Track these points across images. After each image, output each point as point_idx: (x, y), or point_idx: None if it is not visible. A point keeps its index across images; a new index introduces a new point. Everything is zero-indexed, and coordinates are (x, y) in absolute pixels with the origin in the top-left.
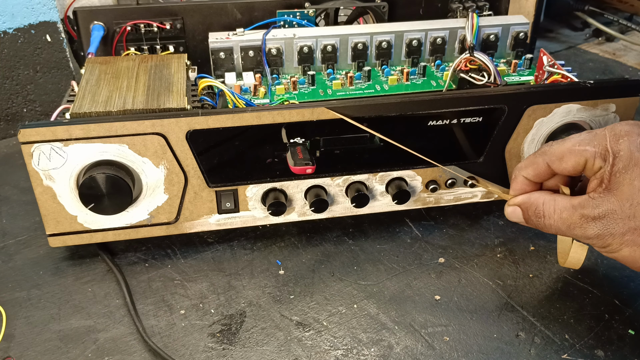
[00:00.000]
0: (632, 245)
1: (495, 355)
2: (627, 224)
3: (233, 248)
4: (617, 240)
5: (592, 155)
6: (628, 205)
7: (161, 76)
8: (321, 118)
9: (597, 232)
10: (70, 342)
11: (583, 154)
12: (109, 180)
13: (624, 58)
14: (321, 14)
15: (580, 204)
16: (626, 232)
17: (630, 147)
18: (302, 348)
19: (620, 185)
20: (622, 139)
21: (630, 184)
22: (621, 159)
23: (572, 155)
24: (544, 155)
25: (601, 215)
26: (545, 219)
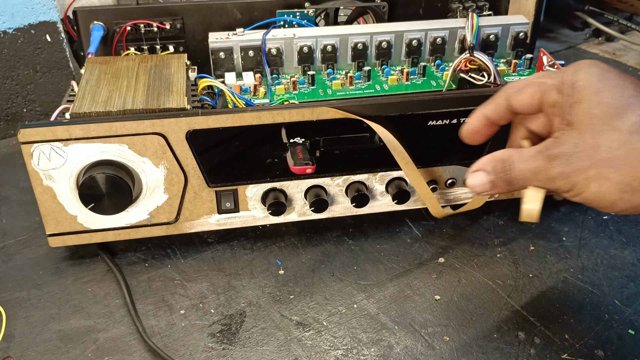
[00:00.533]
0: (598, 179)
1: (495, 355)
2: (591, 157)
3: (233, 248)
4: (582, 177)
5: (548, 88)
6: (590, 135)
7: (161, 76)
8: (321, 118)
9: (560, 170)
10: (70, 342)
11: (540, 86)
12: (108, 180)
13: (624, 58)
14: (321, 14)
15: (545, 146)
16: (590, 166)
17: (589, 77)
18: (302, 348)
19: (578, 116)
20: (581, 71)
21: (589, 113)
22: (577, 89)
23: (530, 87)
24: (504, 90)
25: (564, 152)
26: (512, 171)
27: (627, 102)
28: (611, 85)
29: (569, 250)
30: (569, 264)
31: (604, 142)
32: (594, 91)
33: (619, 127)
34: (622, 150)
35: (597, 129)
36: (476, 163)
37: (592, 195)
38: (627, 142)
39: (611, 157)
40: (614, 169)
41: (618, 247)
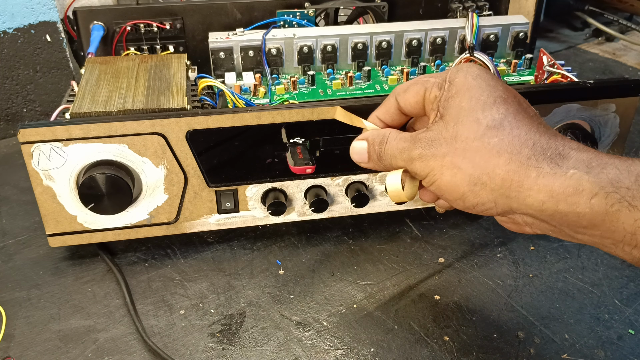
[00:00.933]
0: (452, 168)
1: (495, 354)
2: (450, 145)
3: (233, 248)
4: (438, 163)
5: (431, 85)
6: (452, 124)
7: (161, 76)
8: (321, 118)
9: (420, 151)
10: (70, 342)
11: (424, 83)
12: (108, 180)
13: (624, 58)
14: (321, 14)
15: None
16: (447, 153)
17: (466, 76)
18: (302, 348)
19: (449, 110)
20: (461, 70)
21: (459, 106)
22: (455, 84)
23: (415, 85)
24: (394, 90)
25: (427, 137)
26: (385, 145)
27: (493, 100)
28: (484, 84)
29: (569, 250)
30: (569, 264)
31: (463, 133)
32: (468, 87)
33: (480, 120)
34: (477, 142)
35: (460, 119)
36: (363, 134)
37: (445, 184)
38: (483, 135)
39: (466, 147)
40: (468, 160)
41: None
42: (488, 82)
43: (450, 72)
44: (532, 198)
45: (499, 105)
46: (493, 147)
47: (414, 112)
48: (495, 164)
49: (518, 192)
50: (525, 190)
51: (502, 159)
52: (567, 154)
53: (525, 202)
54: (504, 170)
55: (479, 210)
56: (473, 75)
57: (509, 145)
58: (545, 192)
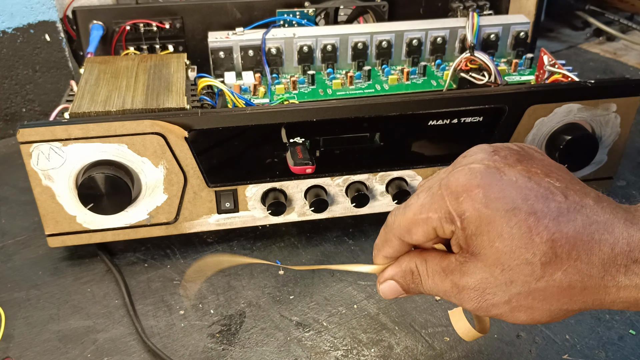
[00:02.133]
0: (524, 310)
1: (496, 355)
2: (508, 291)
3: (233, 248)
4: (504, 309)
5: (438, 222)
6: (499, 271)
7: (160, 76)
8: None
9: (476, 305)
10: (69, 342)
11: (428, 222)
12: (108, 180)
13: (625, 58)
14: (321, 13)
15: (449, 267)
16: (510, 299)
17: (474, 205)
18: (302, 348)
19: (481, 249)
20: (461, 197)
21: (492, 247)
22: (470, 221)
23: (418, 226)
24: (393, 231)
25: (473, 286)
26: (422, 283)
27: (526, 228)
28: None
29: None
30: None
31: (519, 278)
32: (487, 221)
33: (531, 261)
34: (540, 283)
35: (506, 264)
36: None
37: (523, 321)
38: (543, 275)
39: (530, 290)
40: (538, 300)
41: None
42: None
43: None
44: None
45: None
46: (561, 283)
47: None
48: (571, 296)
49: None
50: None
51: (575, 290)
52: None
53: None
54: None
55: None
56: (482, 203)
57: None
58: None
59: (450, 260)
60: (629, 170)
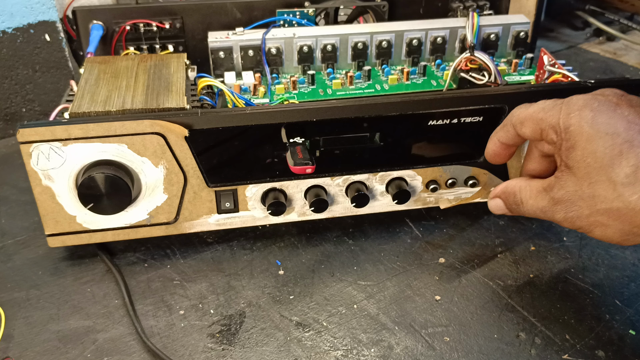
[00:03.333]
0: (599, 225)
1: (495, 355)
2: (590, 206)
3: (232, 248)
4: (585, 222)
5: (546, 126)
6: (587, 184)
7: (160, 76)
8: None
9: (563, 215)
10: (69, 342)
11: (539, 123)
12: (108, 180)
13: (625, 57)
14: (321, 13)
15: (550, 185)
16: (591, 214)
17: (580, 122)
18: (302, 348)
19: (575, 163)
20: (574, 113)
21: (584, 162)
22: (571, 134)
23: (531, 122)
24: (511, 118)
25: (564, 198)
26: (523, 205)
27: (618, 151)
28: (603, 132)
29: (570, 250)
30: (570, 264)
31: (601, 193)
32: (586, 138)
33: (614, 179)
34: (617, 202)
35: (593, 178)
36: (494, 190)
37: (598, 236)
38: (621, 194)
39: (608, 208)
40: (613, 219)
41: (619, 247)
42: (606, 126)
43: (562, 113)
44: None
45: (627, 155)
46: (635, 204)
47: (532, 140)
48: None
49: None
50: None
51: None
52: None
53: None
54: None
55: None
56: (589, 122)
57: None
58: None
59: (551, 179)
60: None
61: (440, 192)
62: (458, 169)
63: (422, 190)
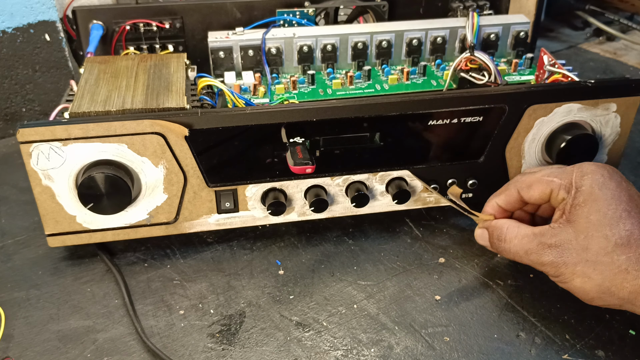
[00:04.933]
0: (582, 276)
1: (495, 355)
2: (580, 255)
3: (232, 248)
4: (569, 270)
5: (557, 187)
6: (582, 237)
7: (160, 75)
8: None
9: (551, 259)
10: (69, 342)
11: (550, 184)
12: (108, 180)
13: (625, 57)
14: (321, 13)
15: (541, 232)
16: (578, 263)
17: (592, 184)
18: (302, 348)
19: (578, 218)
20: (587, 175)
21: (587, 218)
22: (582, 193)
23: (540, 185)
24: (516, 183)
25: (557, 244)
26: (505, 242)
27: (619, 215)
28: (609, 196)
29: None
30: None
31: (593, 247)
32: (595, 199)
33: (609, 237)
34: (607, 258)
35: (590, 233)
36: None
37: (575, 287)
38: (612, 252)
39: (597, 261)
40: (598, 272)
41: None
42: (613, 192)
43: (575, 175)
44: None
45: (624, 221)
46: (622, 264)
47: (537, 204)
48: (624, 279)
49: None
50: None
51: (630, 275)
52: None
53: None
54: (631, 284)
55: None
56: (599, 185)
57: (636, 263)
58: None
59: (544, 227)
60: (629, 170)
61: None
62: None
63: (422, 190)
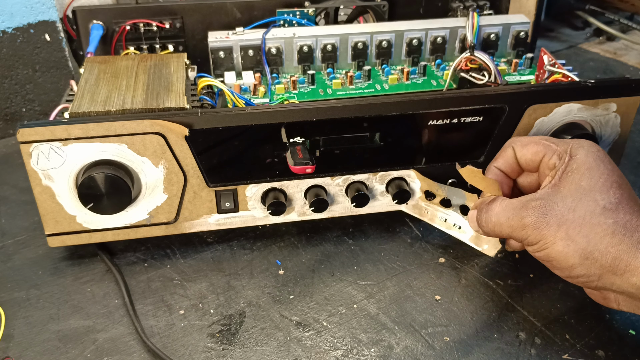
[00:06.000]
0: (566, 239)
1: (495, 355)
2: (565, 216)
3: (232, 248)
4: (551, 232)
5: (552, 151)
6: (570, 200)
7: (160, 75)
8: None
9: (534, 219)
10: (69, 342)
11: (545, 147)
12: (108, 179)
13: (625, 57)
14: (321, 13)
15: (527, 197)
16: (562, 224)
17: (588, 154)
18: (302, 348)
19: (568, 183)
20: (582, 147)
21: (578, 183)
22: (576, 160)
23: (535, 145)
24: (512, 141)
25: (542, 205)
26: (488, 212)
27: (610, 184)
28: (603, 167)
29: None
30: None
31: (581, 208)
32: (588, 167)
33: (598, 200)
34: (594, 219)
35: (579, 196)
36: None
37: (556, 253)
38: (600, 214)
39: (583, 222)
40: (583, 234)
41: None
42: (607, 165)
43: (572, 145)
44: (637, 278)
45: (615, 190)
46: (609, 227)
47: (527, 167)
48: (609, 243)
49: (624, 271)
50: (631, 269)
51: (615, 238)
52: None
53: (629, 280)
54: (616, 249)
55: (580, 282)
56: (594, 157)
57: (623, 228)
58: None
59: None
60: (629, 170)
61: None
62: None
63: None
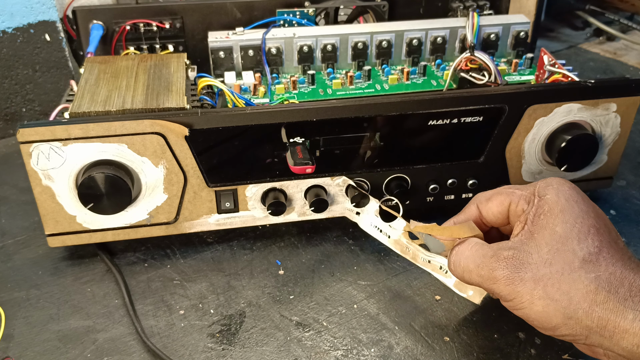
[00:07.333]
0: (544, 298)
1: (495, 355)
2: (541, 271)
3: (232, 248)
4: (527, 290)
5: (517, 197)
6: (546, 250)
7: (160, 75)
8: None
9: (506, 273)
10: (69, 342)
11: (509, 195)
12: (108, 180)
13: (625, 57)
14: (321, 13)
15: (498, 244)
16: (539, 281)
17: (558, 194)
18: (302, 348)
19: (541, 229)
20: (551, 186)
21: (552, 229)
22: (547, 202)
23: (498, 196)
24: (475, 199)
25: (515, 256)
26: (457, 255)
27: (587, 229)
28: (577, 209)
29: None
30: None
31: (558, 261)
32: (561, 209)
33: (576, 252)
34: (573, 275)
35: (555, 246)
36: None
37: (536, 313)
38: (579, 268)
39: (561, 278)
40: (563, 292)
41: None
42: (580, 206)
43: (539, 186)
44: (627, 341)
45: (593, 237)
46: (590, 282)
47: (496, 222)
48: (593, 301)
49: (613, 333)
50: (620, 332)
51: (599, 296)
52: None
53: (619, 344)
54: (601, 308)
55: (568, 340)
56: (565, 196)
57: (607, 284)
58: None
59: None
60: (629, 170)
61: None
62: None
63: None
